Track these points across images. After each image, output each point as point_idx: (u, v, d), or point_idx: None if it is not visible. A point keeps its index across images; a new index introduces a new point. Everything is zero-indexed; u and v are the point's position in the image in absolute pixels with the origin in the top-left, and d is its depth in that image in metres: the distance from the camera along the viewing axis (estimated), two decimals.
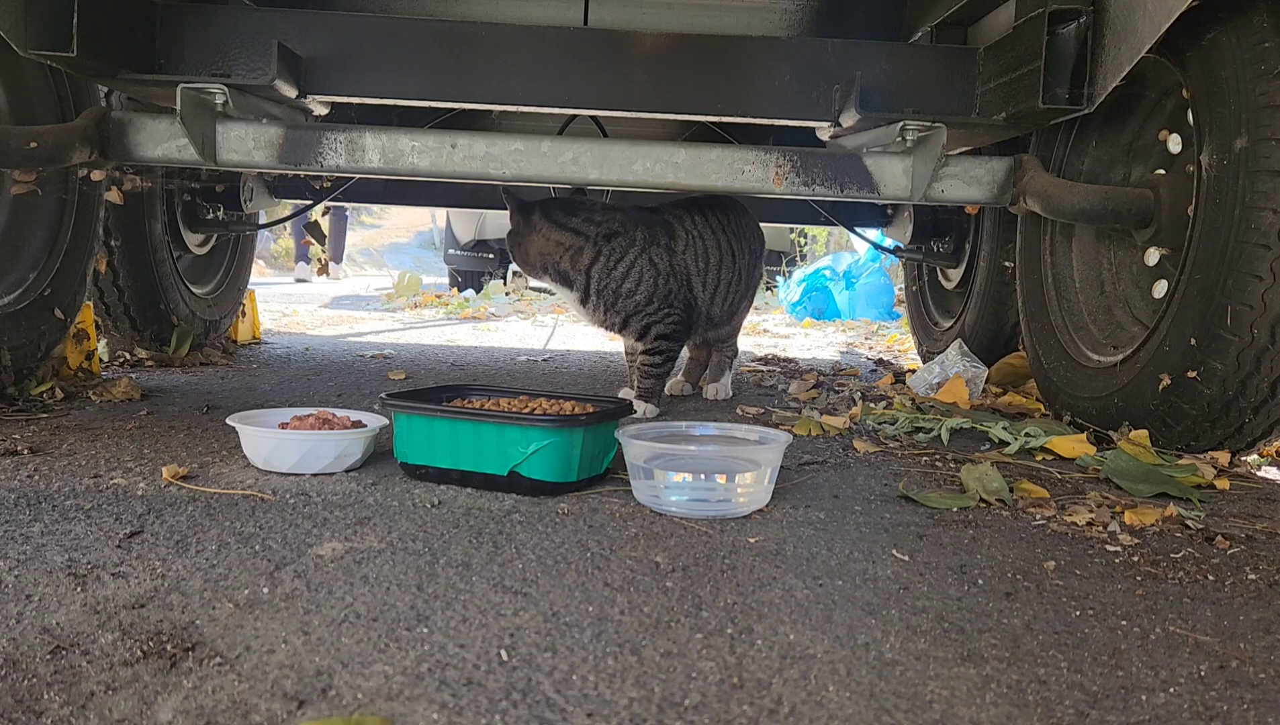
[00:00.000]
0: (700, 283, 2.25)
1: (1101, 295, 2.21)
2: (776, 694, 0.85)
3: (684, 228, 2.24)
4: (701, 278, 2.25)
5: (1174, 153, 2.02)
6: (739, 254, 2.34)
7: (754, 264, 2.44)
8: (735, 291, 2.35)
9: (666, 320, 2.19)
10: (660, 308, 2.17)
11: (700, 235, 2.26)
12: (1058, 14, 1.90)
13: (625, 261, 2.14)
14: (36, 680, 0.82)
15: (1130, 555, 1.29)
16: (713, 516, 1.38)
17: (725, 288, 2.31)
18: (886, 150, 2.19)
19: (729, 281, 2.31)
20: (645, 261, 2.16)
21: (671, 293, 2.19)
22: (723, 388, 2.52)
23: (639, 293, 2.15)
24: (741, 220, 2.39)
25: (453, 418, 1.49)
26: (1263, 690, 0.90)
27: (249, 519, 1.29)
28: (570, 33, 2.32)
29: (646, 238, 2.18)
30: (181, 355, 2.89)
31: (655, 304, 2.17)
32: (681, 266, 2.21)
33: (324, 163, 2.11)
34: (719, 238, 2.29)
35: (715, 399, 2.49)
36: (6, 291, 2.03)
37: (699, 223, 2.26)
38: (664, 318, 2.18)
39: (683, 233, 2.23)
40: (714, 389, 2.51)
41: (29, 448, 1.64)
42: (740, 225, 2.38)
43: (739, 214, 2.40)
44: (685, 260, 2.22)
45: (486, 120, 3.35)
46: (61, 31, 1.82)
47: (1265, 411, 1.76)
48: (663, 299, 2.17)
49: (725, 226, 2.31)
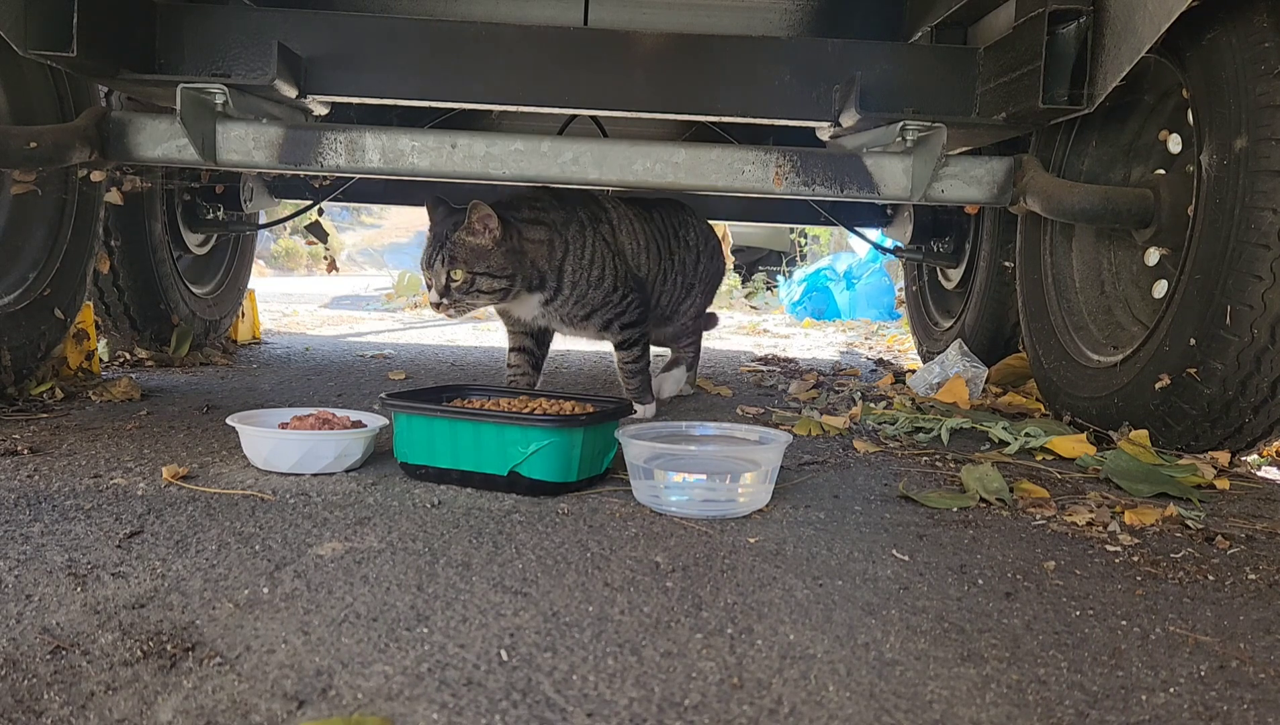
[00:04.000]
0: (640, 266, 2.16)
1: (1101, 295, 2.21)
2: (776, 694, 0.85)
3: (613, 208, 2.16)
4: (636, 261, 2.16)
5: (1174, 153, 2.02)
6: (673, 248, 2.26)
7: (697, 262, 2.35)
8: (671, 287, 2.27)
9: (631, 308, 2.10)
10: (624, 294, 2.08)
11: (627, 216, 2.17)
12: (1058, 14, 1.89)
13: (589, 248, 2.04)
14: (36, 680, 0.82)
15: (1130, 555, 1.29)
16: (713, 516, 1.38)
17: (659, 279, 2.23)
18: (886, 150, 2.19)
19: (661, 273, 2.22)
20: (600, 243, 2.06)
21: (628, 274, 2.10)
22: (670, 381, 2.39)
23: (606, 280, 2.06)
24: (675, 218, 2.32)
25: (453, 418, 1.49)
26: (1263, 690, 0.90)
27: (249, 519, 1.29)
28: (570, 33, 2.32)
29: (591, 216, 2.08)
30: (181, 355, 2.89)
31: (620, 290, 2.08)
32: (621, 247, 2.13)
33: (324, 163, 2.11)
34: (640, 226, 2.20)
35: (659, 396, 2.31)
36: (6, 291, 2.03)
37: (621, 207, 2.19)
38: (627, 305, 2.09)
39: (613, 212, 2.15)
40: (660, 379, 2.37)
41: (29, 448, 1.64)
42: (675, 222, 2.31)
43: (673, 212, 2.33)
44: (623, 241, 2.14)
45: (486, 120, 3.35)
46: (62, 31, 1.82)
47: (1265, 411, 1.76)
48: (624, 282, 2.08)
49: (649, 219, 2.23)
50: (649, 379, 2.21)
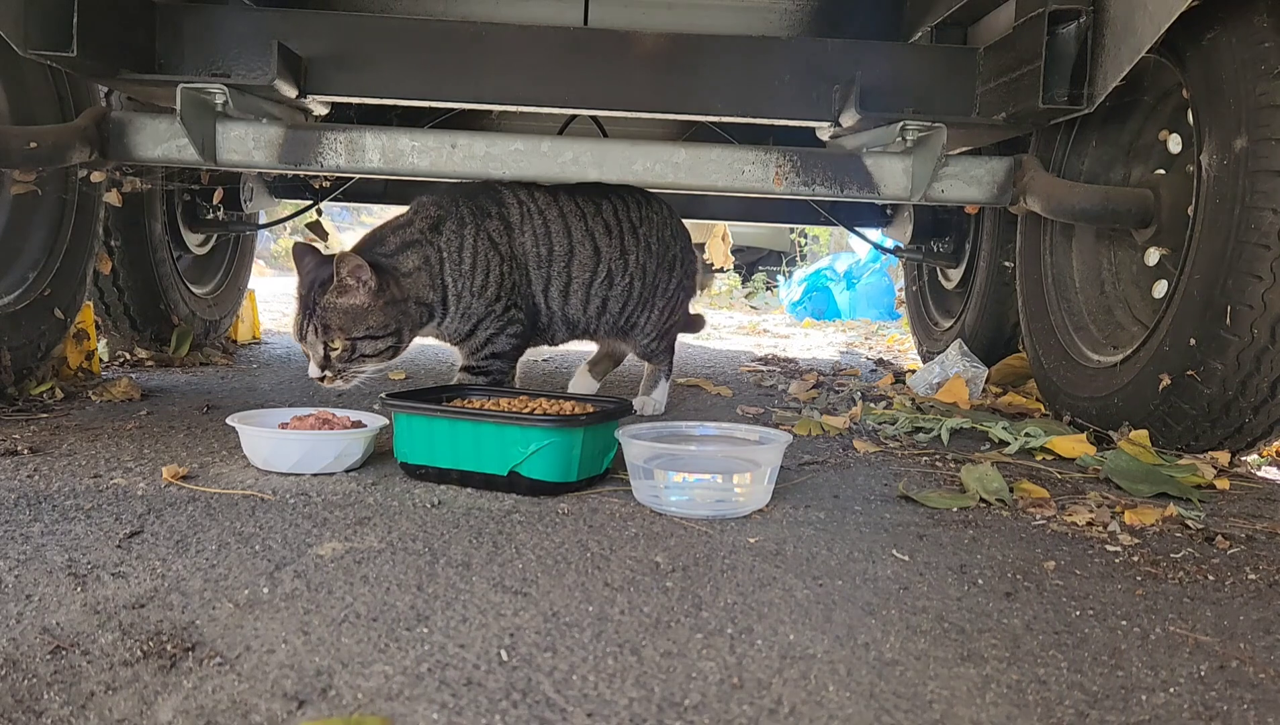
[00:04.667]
0: (554, 275, 1.98)
1: (1101, 295, 2.21)
2: (776, 694, 0.85)
3: (518, 205, 1.98)
4: (546, 269, 1.97)
5: (1174, 153, 2.02)
6: (626, 247, 2.06)
7: (660, 268, 2.12)
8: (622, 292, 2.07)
9: (505, 332, 1.91)
10: (505, 307, 1.90)
11: (539, 212, 1.98)
12: (1057, 14, 1.90)
13: (468, 250, 1.88)
14: (36, 680, 0.82)
15: (1130, 555, 1.29)
16: (713, 516, 1.38)
17: (586, 289, 2.03)
18: (886, 150, 2.19)
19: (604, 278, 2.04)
20: (483, 243, 1.89)
21: (515, 287, 1.91)
22: (652, 402, 2.20)
23: (490, 288, 1.88)
24: (637, 214, 2.11)
25: (453, 418, 1.49)
26: (1263, 690, 0.90)
27: (249, 519, 1.29)
28: (570, 33, 2.32)
29: (476, 212, 1.93)
30: (181, 355, 2.89)
31: (503, 302, 1.89)
32: (521, 252, 1.94)
33: (324, 163, 2.12)
34: (568, 223, 2.00)
35: (642, 413, 2.15)
36: (6, 291, 2.03)
37: (537, 200, 2.00)
38: (504, 323, 1.90)
39: (514, 210, 1.96)
40: (641, 402, 2.17)
41: (29, 448, 1.64)
42: (635, 217, 2.10)
43: (633, 207, 2.12)
44: (524, 245, 1.95)
45: (486, 120, 3.35)
46: (61, 32, 1.82)
47: (1265, 411, 1.76)
48: (509, 294, 1.90)
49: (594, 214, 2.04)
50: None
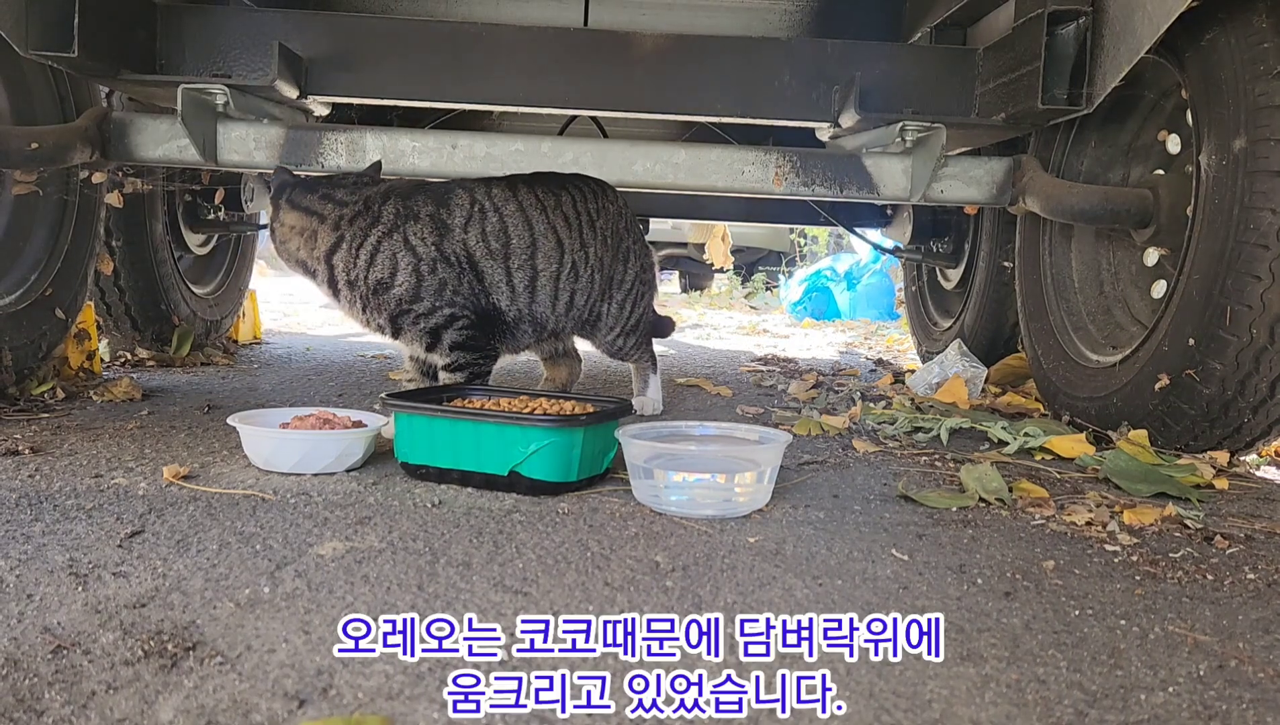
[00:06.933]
0: (500, 272, 1.88)
1: (1100, 295, 2.22)
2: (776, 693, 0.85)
3: (469, 200, 1.88)
4: (501, 265, 1.88)
5: (1173, 153, 2.02)
6: (585, 240, 1.96)
7: (614, 260, 2.03)
8: (587, 285, 1.98)
9: (455, 324, 1.84)
10: (436, 306, 1.83)
11: (498, 209, 1.89)
12: (1057, 14, 1.90)
13: (369, 244, 1.81)
14: (38, 679, 0.82)
15: (1129, 555, 1.29)
16: (713, 516, 1.38)
17: (554, 283, 1.93)
18: (886, 151, 2.19)
19: (558, 275, 1.93)
20: (399, 243, 1.82)
21: (446, 284, 1.84)
22: (651, 402, 2.16)
23: (396, 285, 1.82)
24: (594, 205, 2.00)
25: (453, 418, 1.49)
26: (1262, 690, 0.90)
27: (250, 518, 1.29)
28: (570, 33, 2.32)
29: (401, 213, 1.83)
30: (182, 355, 2.89)
31: (426, 301, 1.83)
32: (461, 250, 1.85)
33: (325, 163, 2.12)
34: (532, 216, 1.91)
35: (641, 413, 2.11)
36: (8, 291, 2.04)
37: (499, 196, 1.91)
38: (449, 321, 1.84)
39: (458, 213, 1.86)
40: (640, 402, 2.13)
41: (30, 447, 1.64)
42: (592, 208, 1.99)
43: (590, 198, 2.01)
44: (467, 241, 1.86)
45: (487, 120, 3.35)
46: (63, 32, 1.82)
47: (1264, 411, 1.76)
48: (434, 293, 1.83)
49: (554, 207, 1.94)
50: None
